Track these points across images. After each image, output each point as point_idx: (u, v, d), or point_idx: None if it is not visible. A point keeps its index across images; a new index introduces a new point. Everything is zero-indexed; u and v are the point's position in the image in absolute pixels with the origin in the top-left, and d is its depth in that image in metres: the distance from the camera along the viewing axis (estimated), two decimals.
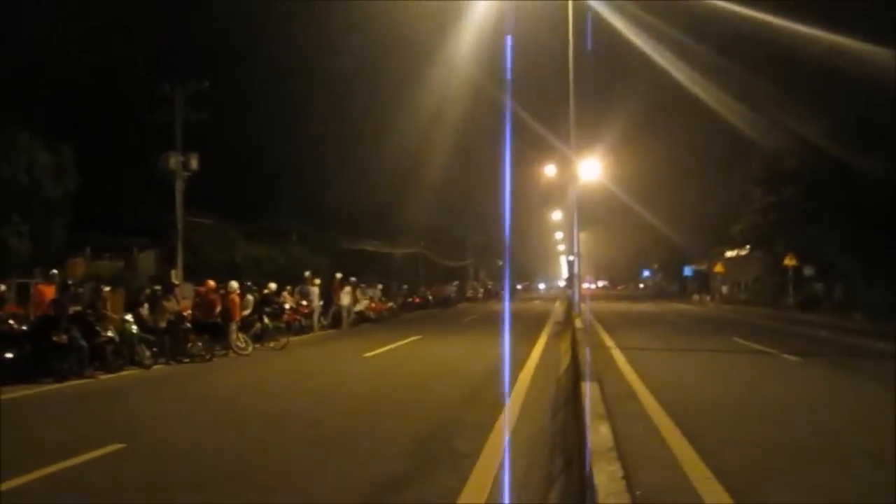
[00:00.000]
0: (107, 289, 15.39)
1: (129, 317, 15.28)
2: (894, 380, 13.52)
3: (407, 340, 21.33)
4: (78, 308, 14.35)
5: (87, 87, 29.65)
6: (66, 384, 12.63)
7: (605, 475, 3.79)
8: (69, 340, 13.22)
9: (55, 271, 15.73)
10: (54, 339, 13.07)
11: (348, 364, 16.46)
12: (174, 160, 25.25)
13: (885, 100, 26.39)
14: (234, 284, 18.50)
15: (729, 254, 60.23)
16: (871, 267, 32.96)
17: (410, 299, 42.92)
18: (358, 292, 29.22)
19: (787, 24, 25.44)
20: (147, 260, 29.99)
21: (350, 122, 49.88)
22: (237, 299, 18.23)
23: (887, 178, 27.29)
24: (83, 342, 13.47)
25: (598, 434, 4.87)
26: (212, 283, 18.16)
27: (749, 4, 25.12)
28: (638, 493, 5.64)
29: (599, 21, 23.97)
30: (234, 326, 17.69)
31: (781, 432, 8.74)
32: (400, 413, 10.10)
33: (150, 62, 30.81)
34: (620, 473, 3.84)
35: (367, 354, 17.68)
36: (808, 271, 39.83)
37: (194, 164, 25.58)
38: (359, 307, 28.93)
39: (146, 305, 16.03)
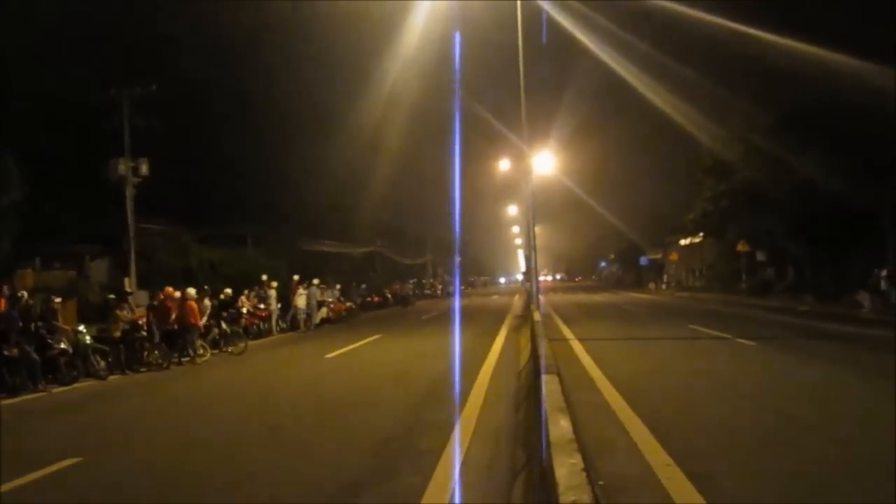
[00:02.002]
0: (58, 300, 15.05)
1: (81, 327, 14.98)
2: (841, 359, 14.04)
3: (367, 340, 21.26)
4: (29, 321, 14.02)
5: (31, 93, 28.93)
6: (18, 399, 12.36)
7: (566, 468, 3.83)
8: (20, 354, 12.93)
9: (5, 287, 15.26)
10: (5, 353, 12.77)
11: (309, 367, 16.36)
12: (123, 166, 24.81)
13: (823, 91, 27.11)
14: (192, 291, 18.26)
15: (683, 242, 61.15)
16: (818, 251, 33.79)
17: (369, 298, 42.77)
18: (319, 292, 29.03)
19: (727, 23, 26.18)
20: (100, 268, 29.38)
21: (304, 123, 49.46)
22: (195, 305, 17.98)
23: (828, 166, 28.01)
24: (35, 355, 13.19)
25: (558, 427, 4.91)
26: (170, 289, 17.91)
27: (688, 4, 25.85)
28: (600, 482, 5.73)
29: (550, 19, 24.29)
30: (195, 333, 17.46)
31: (739, 416, 8.91)
32: (363, 413, 10.07)
33: (97, 66, 30.15)
34: (581, 465, 3.88)
35: (328, 356, 17.59)
36: (759, 257, 40.61)
37: (144, 169, 25.18)
38: (321, 314, 28.77)
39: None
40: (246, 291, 24.26)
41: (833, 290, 28.95)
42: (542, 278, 61.20)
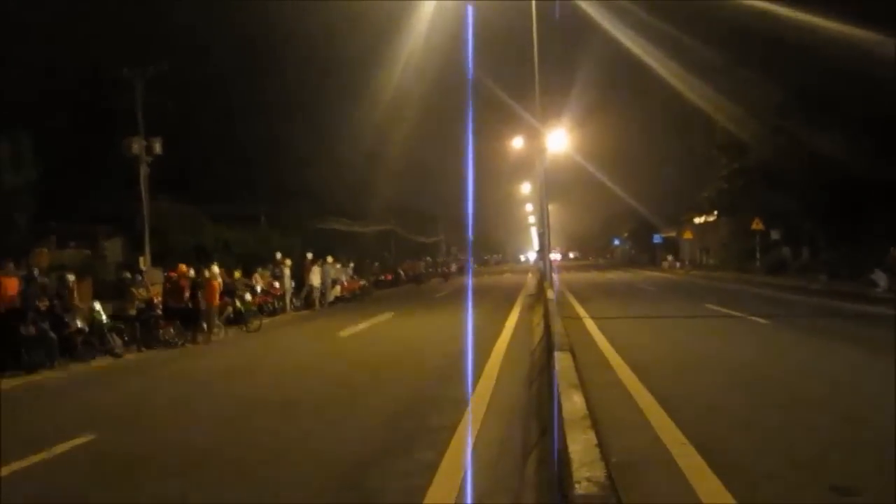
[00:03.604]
0: (72, 278, 15.13)
1: (97, 305, 15.08)
2: (855, 337, 13.97)
3: (380, 318, 21.33)
4: (45, 300, 14.12)
5: (44, 72, 28.97)
6: (36, 377, 12.47)
7: (580, 443, 3.83)
8: (37, 332, 13.04)
9: (11, 264, 15.24)
10: (22, 331, 12.88)
11: (324, 344, 16.42)
12: (137, 145, 24.86)
13: (838, 68, 26.78)
14: (215, 269, 18.36)
15: (697, 220, 60.81)
16: (833, 229, 33.52)
17: (383, 277, 42.84)
18: (333, 270, 29.09)
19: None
20: (114, 247, 29.56)
21: (317, 102, 49.39)
22: (217, 284, 18.06)
23: (844, 143, 27.70)
24: (52, 334, 13.30)
25: (572, 402, 4.91)
26: (183, 267, 17.99)
27: None
28: (613, 459, 5.73)
29: None
30: (213, 311, 17.56)
31: (752, 394, 8.88)
32: (377, 390, 10.11)
33: (111, 46, 30.15)
34: (594, 441, 3.88)
35: (342, 334, 17.65)
36: (774, 235, 40.33)
37: (158, 148, 25.22)
38: (334, 292, 28.84)
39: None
40: (260, 269, 24.35)
41: (848, 269, 28.73)
42: (554, 257, 61.03)
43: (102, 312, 14.88)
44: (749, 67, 32.38)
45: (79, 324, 14.03)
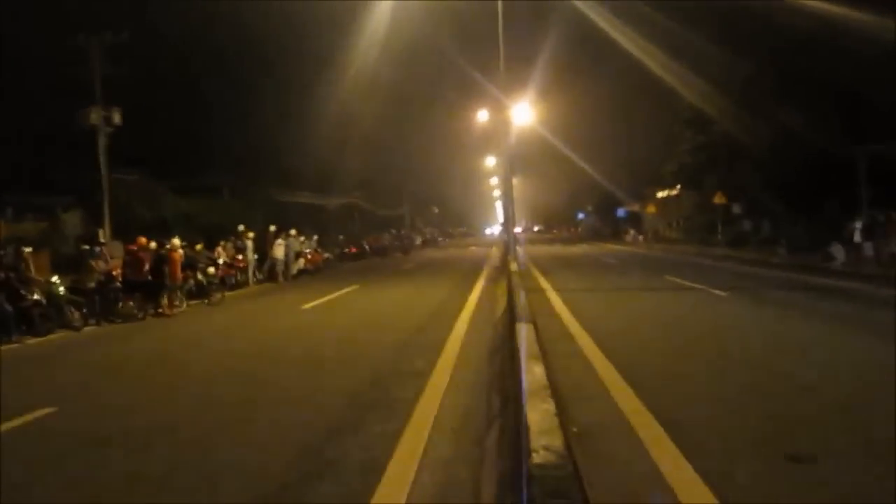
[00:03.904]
0: (28, 250, 14.85)
1: (55, 278, 14.82)
2: (812, 309, 14.30)
3: (344, 291, 21.26)
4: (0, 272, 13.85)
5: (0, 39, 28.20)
6: None
7: (539, 412, 3.86)
8: None
9: None
10: None
11: (286, 317, 16.33)
12: (95, 115, 24.33)
13: (805, 42, 27.07)
14: (176, 242, 18.11)
15: (660, 194, 61.37)
16: (794, 203, 34.06)
17: (347, 250, 42.67)
18: (296, 243, 28.86)
19: None
20: (73, 219, 29.05)
21: (281, 72, 48.66)
22: (178, 257, 17.82)
23: (805, 117, 28.09)
24: (8, 307, 13.06)
25: (532, 373, 4.95)
26: (143, 240, 17.71)
27: None
28: (574, 429, 5.80)
29: None
30: (175, 284, 17.35)
31: (710, 364, 9.04)
32: (340, 362, 10.09)
33: (69, 13, 29.35)
34: (553, 410, 3.91)
35: (305, 306, 17.57)
36: (736, 209, 40.85)
37: (117, 118, 24.73)
38: (298, 265, 28.64)
39: None
40: (222, 242, 24.09)
41: (807, 243, 29.27)
42: (519, 230, 61.34)
43: (60, 285, 14.62)
44: (716, 42, 32.60)
45: (36, 296, 13.77)
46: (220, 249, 23.22)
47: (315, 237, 34.13)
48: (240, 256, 24.28)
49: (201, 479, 5.46)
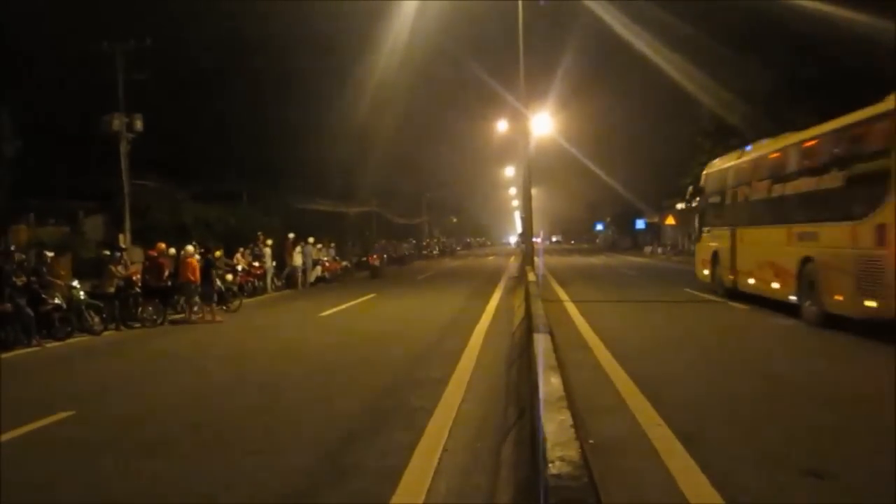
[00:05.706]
0: (50, 254, 14.99)
1: (76, 283, 14.95)
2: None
3: (362, 299, 21.29)
4: (22, 276, 13.97)
5: (23, 47, 28.53)
6: (12, 353, 12.34)
7: (555, 424, 3.83)
8: (14, 309, 12.89)
9: None
10: None
11: (304, 324, 16.37)
12: (118, 121, 24.60)
13: (832, 55, 26.87)
14: (191, 248, 18.20)
15: (680, 206, 60.97)
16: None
17: (364, 258, 42.73)
18: (314, 251, 28.94)
19: None
20: (94, 224, 29.33)
21: (301, 80, 48.91)
22: (195, 262, 17.89)
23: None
24: (29, 310, 13.16)
25: (549, 384, 4.92)
26: (162, 245, 17.82)
27: None
28: (590, 441, 5.75)
29: None
30: (193, 290, 17.43)
31: (729, 378, 8.95)
32: (355, 371, 10.09)
33: (92, 20, 29.70)
34: (570, 422, 3.88)
35: (323, 314, 17.62)
36: None
37: (139, 125, 25.00)
38: (315, 273, 28.71)
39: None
40: (241, 249, 24.21)
41: None
42: (537, 240, 61.33)
43: (81, 290, 14.74)
44: (740, 51, 32.35)
45: (57, 301, 13.89)
46: (238, 256, 23.32)
47: (332, 245, 34.21)
48: (257, 263, 24.37)
49: (217, 483, 5.47)
